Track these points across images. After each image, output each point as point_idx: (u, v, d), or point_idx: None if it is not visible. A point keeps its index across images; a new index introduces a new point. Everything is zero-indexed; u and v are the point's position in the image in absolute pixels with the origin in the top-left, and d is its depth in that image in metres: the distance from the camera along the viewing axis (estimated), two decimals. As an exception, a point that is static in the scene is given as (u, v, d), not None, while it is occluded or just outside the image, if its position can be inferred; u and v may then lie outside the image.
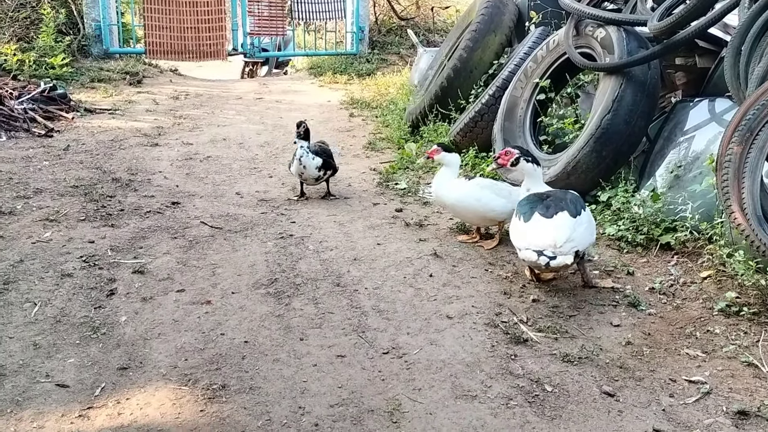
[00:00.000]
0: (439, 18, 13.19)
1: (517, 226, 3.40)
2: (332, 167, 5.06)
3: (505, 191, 4.02)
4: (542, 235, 3.23)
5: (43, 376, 2.63)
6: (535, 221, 3.30)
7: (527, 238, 3.27)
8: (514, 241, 3.42)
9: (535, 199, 3.47)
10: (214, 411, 2.46)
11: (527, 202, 3.46)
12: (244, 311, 3.25)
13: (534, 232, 3.26)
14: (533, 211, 3.35)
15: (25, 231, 4.10)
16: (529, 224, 3.31)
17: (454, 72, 6.30)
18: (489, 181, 4.15)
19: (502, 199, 3.97)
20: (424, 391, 2.61)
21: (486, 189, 4.01)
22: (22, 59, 8.86)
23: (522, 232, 3.33)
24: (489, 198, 3.98)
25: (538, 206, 3.37)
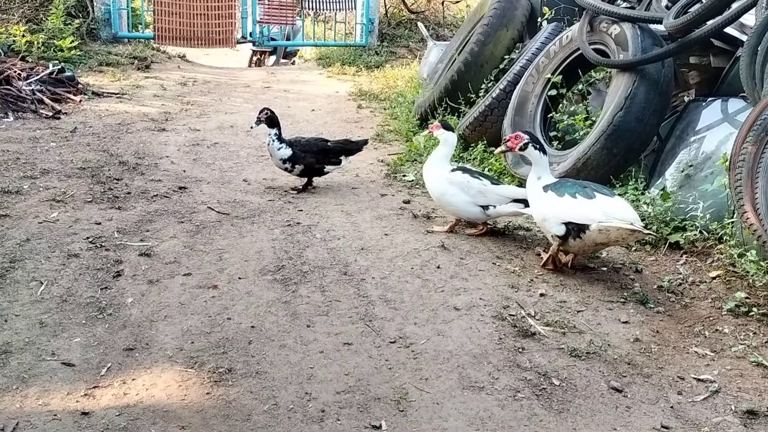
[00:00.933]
0: (449, 12, 13.13)
1: (577, 203, 3.43)
2: (304, 163, 4.83)
3: (473, 190, 4.00)
4: (626, 210, 3.36)
5: (48, 354, 2.63)
6: (604, 198, 3.41)
7: (609, 210, 3.33)
8: (577, 215, 3.40)
9: (572, 182, 3.60)
10: (220, 394, 2.45)
11: (572, 185, 3.56)
12: (251, 297, 3.24)
13: (615, 207, 3.36)
14: (588, 190, 3.47)
15: (31, 211, 4.09)
16: (597, 200, 3.40)
17: (465, 66, 6.26)
18: (462, 177, 4.08)
19: (467, 197, 4.01)
20: (431, 381, 2.60)
21: (454, 185, 4.06)
22: (31, 41, 8.83)
23: (591, 206, 3.38)
24: (453, 193, 4.05)
25: (588, 186, 3.54)
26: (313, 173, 4.98)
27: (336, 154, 5.00)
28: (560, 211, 3.48)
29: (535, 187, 3.69)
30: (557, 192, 3.55)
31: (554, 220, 3.51)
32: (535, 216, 3.73)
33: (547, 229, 3.62)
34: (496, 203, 4.00)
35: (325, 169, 4.97)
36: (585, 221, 3.39)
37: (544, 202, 3.58)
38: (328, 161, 4.96)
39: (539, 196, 3.63)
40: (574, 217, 3.43)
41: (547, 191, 3.60)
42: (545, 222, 3.58)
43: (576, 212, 3.43)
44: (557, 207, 3.50)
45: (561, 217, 3.48)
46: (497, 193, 4.00)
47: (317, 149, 4.92)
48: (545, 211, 3.57)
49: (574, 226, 3.44)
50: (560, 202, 3.49)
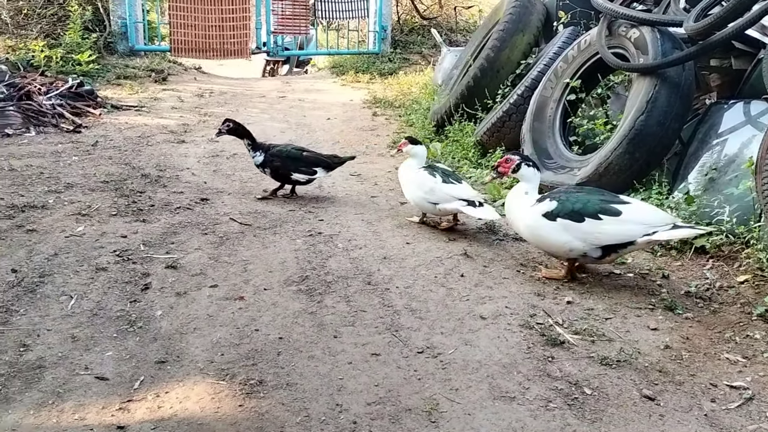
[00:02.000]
0: (461, 18, 13.15)
1: (607, 224, 3.32)
2: (270, 167, 4.91)
3: (427, 186, 4.28)
4: (661, 214, 3.38)
5: (82, 368, 2.65)
6: (631, 208, 3.37)
7: (645, 220, 3.31)
8: (619, 237, 3.32)
9: (570, 198, 3.46)
10: (252, 406, 2.46)
11: (575, 201, 3.42)
12: (277, 308, 3.26)
13: (649, 215, 3.34)
14: (604, 203, 3.38)
15: (58, 225, 4.14)
16: (626, 213, 3.33)
17: (481, 71, 6.27)
18: (421, 174, 4.37)
19: (420, 192, 4.32)
20: (462, 391, 2.59)
21: (411, 182, 4.41)
22: (50, 55, 8.97)
23: (627, 223, 3.31)
24: (411, 188, 4.40)
25: (613, 195, 3.50)
26: (281, 178, 5.02)
27: (309, 164, 4.95)
28: (591, 238, 3.36)
29: (529, 209, 3.55)
30: (572, 218, 3.38)
31: (587, 247, 3.39)
32: (549, 247, 3.53)
33: (567, 256, 3.50)
34: (442, 201, 4.22)
35: (293, 176, 4.96)
36: (627, 240, 3.33)
37: (560, 232, 3.40)
38: (296, 169, 4.94)
39: (543, 226, 3.46)
40: (613, 239, 3.34)
41: (555, 219, 3.41)
42: (572, 252, 3.44)
43: (616, 234, 3.33)
44: (584, 234, 3.36)
45: (599, 243, 3.37)
46: (444, 192, 4.20)
47: (285, 155, 4.93)
48: (567, 241, 3.40)
49: (612, 246, 3.37)
50: (584, 227, 3.35)
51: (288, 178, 5.00)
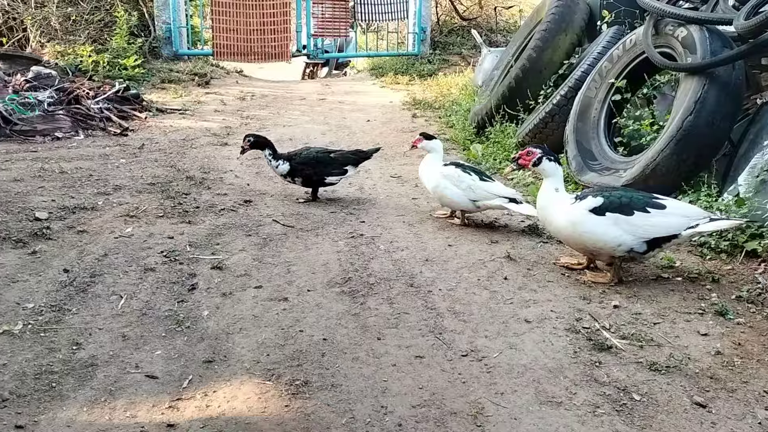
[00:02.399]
0: (501, 18, 13.06)
1: (653, 217, 3.37)
2: (302, 176, 4.90)
3: (464, 183, 4.31)
4: (697, 209, 3.50)
5: (132, 367, 2.71)
6: (674, 203, 3.49)
7: (688, 213, 3.41)
8: (664, 230, 3.37)
9: (615, 194, 3.50)
10: (298, 407, 2.48)
11: (620, 196, 3.46)
12: (321, 309, 3.28)
13: (688, 209, 3.47)
14: (646, 198, 3.45)
15: (107, 226, 4.24)
16: (670, 208, 3.42)
17: (523, 72, 6.22)
18: (454, 171, 4.39)
19: (458, 190, 4.32)
20: (507, 395, 2.57)
21: (447, 179, 4.39)
22: (97, 60, 9.21)
23: (670, 217, 3.38)
24: (445, 185, 4.38)
25: (634, 194, 3.52)
26: (314, 184, 5.00)
27: (339, 165, 4.96)
28: (642, 231, 3.36)
29: (571, 207, 3.50)
30: (623, 211, 3.37)
31: (634, 242, 3.38)
32: (595, 243, 3.45)
33: (613, 254, 3.45)
34: (483, 198, 4.27)
35: (326, 180, 4.96)
36: (673, 232, 3.37)
37: (610, 227, 3.37)
38: (329, 173, 4.93)
39: (591, 221, 3.41)
40: (662, 232, 3.37)
41: (604, 213, 3.39)
42: (621, 247, 3.39)
43: (664, 226, 3.36)
44: (635, 227, 3.36)
45: (645, 236, 3.37)
46: (484, 189, 4.25)
47: (315, 161, 4.91)
48: (617, 236, 3.37)
49: (658, 240, 3.39)
50: (635, 220, 3.35)
51: (322, 183, 4.98)
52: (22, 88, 7.58)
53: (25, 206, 4.46)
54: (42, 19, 10.26)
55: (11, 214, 4.31)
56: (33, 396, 2.49)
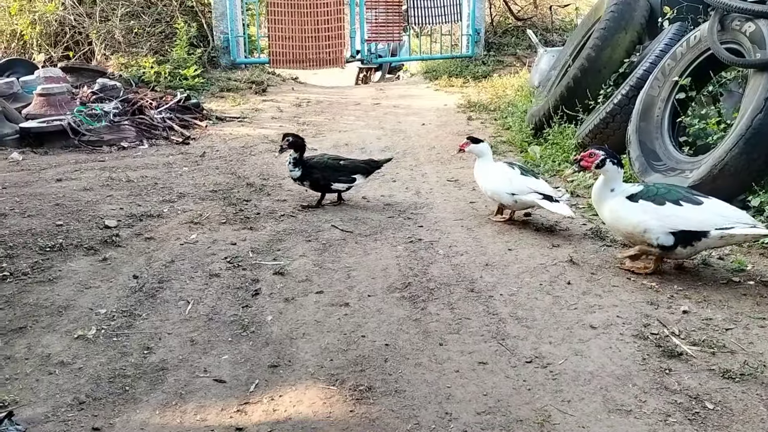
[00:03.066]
0: (557, 17, 12.85)
1: (685, 210, 3.40)
2: (310, 180, 4.92)
3: (506, 177, 4.43)
4: (739, 212, 3.44)
5: (201, 371, 2.78)
6: (713, 202, 3.46)
7: (725, 213, 3.38)
8: (691, 223, 3.38)
9: (659, 187, 3.59)
10: (362, 412, 2.50)
11: (665, 190, 3.52)
12: (382, 314, 3.29)
13: (727, 210, 3.42)
14: (688, 194, 3.49)
15: (173, 233, 4.37)
16: (707, 205, 3.42)
17: (581, 72, 6.10)
18: (500, 165, 4.57)
19: (499, 182, 4.45)
20: (574, 403, 2.53)
21: (493, 173, 4.54)
22: (159, 71, 9.50)
23: (704, 212, 3.38)
24: (491, 179, 4.52)
25: (681, 189, 3.57)
26: (321, 189, 5.02)
27: (347, 173, 4.97)
28: (668, 221, 3.40)
29: (613, 199, 3.62)
30: (654, 200, 3.46)
31: (659, 231, 3.43)
32: (626, 227, 3.57)
33: (642, 240, 3.53)
34: (520, 192, 4.32)
35: (333, 186, 4.98)
36: (703, 228, 3.34)
37: (638, 213, 3.48)
38: (335, 179, 4.95)
39: (625, 207, 3.54)
40: (689, 225, 3.37)
41: (637, 200, 3.51)
42: (646, 233, 3.46)
43: (689, 220, 3.37)
44: (661, 216, 3.42)
45: (670, 226, 3.40)
46: (522, 183, 4.32)
47: (324, 166, 4.95)
48: (642, 221, 3.47)
49: (685, 235, 3.38)
50: (663, 210, 3.42)
51: (329, 188, 5.01)
52: (89, 99, 7.89)
53: (95, 214, 4.63)
54: (106, 32, 10.65)
55: (82, 222, 4.49)
56: (108, 399, 2.58)
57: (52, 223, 4.41)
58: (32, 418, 2.45)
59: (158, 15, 11.06)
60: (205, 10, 11.26)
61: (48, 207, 4.74)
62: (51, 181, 5.49)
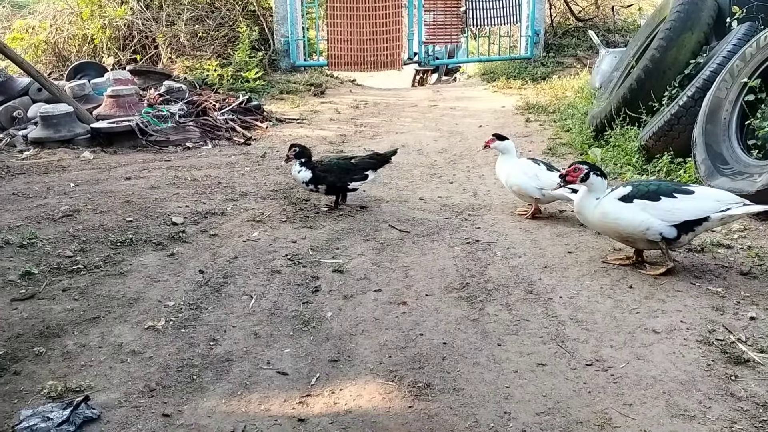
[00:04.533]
0: (619, 17, 12.59)
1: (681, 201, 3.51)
2: (326, 183, 4.89)
3: (531, 171, 4.60)
4: (727, 194, 3.59)
5: (264, 363, 2.87)
6: (703, 189, 3.66)
7: (719, 197, 3.53)
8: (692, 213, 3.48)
9: (644, 183, 3.71)
10: (421, 408, 2.53)
11: (652, 185, 3.64)
12: (440, 313, 3.32)
13: (719, 194, 3.58)
14: (676, 186, 3.66)
15: (236, 230, 4.50)
16: (699, 192, 3.56)
17: (645, 73, 5.98)
18: (525, 161, 4.75)
19: (527, 178, 4.59)
20: (636, 407, 2.50)
21: (518, 168, 4.68)
22: (222, 74, 9.78)
23: (699, 200, 3.51)
24: (516, 174, 4.67)
25: (665, 182, 3.83)
26: (338, 191, 5.00)
27: (359, 171, 4.97)
28: (669, 215, 3.50)
29: (601, 205, 3.68)
30: (649, 197, 3.54)
31: (662, 226, 3.51)
32: (626, 228, 3.61)
33: (645, 238, 3.58)
34: (548, 187, 4.44)
35: (350, 186, 4.98)
36: (704, 215, 3.46)
37: (637, 212, 3.54)
38: (350, 179, 4.95)
39: (620, 209, 3.59)
40: (691, 215, 3.48)
41: (632, 200, 3.58)
42: (648, 231, 3.53)
43: (692, 210, 3.48)
44: (662, 212, 3.50)
45: (672, 220, 3.50)
46: (550, 179, 4.39)
47: (338, 168, 4.92)
48: (644, 220, 3.53)
49: (687, 224, 3.49)
50: (661, 205, 3.51)
51: (346, 189, 5.01)
52: (155, 101, 8.19)
53: (163, 211, 4.81)
54: (172, 36, 11.01)
55: (151, 218, 4.67)
56: (177, 387, 2.69)
57: (123, 219, 4.60)
58: (106, 403, 2.58)
59: (221, 19, 11.37)
60: (267, 14, 11.51)
61: (118, 204, 4.95)
62: (120, 179, 5.73)
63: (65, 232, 4.35)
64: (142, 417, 2.50)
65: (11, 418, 2.49)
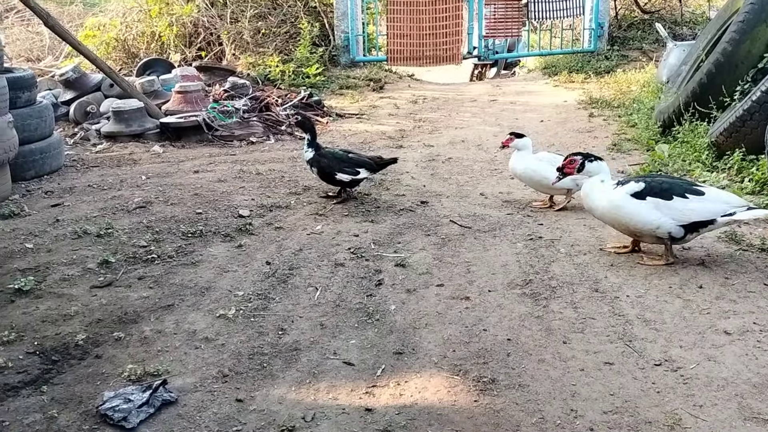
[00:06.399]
0: (687, 9, 12.19)
1: (692, 203, 3.59)
2: (317, 167, 4.99)
3: (546, 159, 4.71)
4: (737, 198, 3.69)
5: (331, 353, 2.94)
6: (713, 191, 3.68)
7: (728, 200, 3.61)
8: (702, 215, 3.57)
9: (656, 181, 3.74)
10: (487, 403, 2.55)
11: (665, 183, 3.70)
12: (503, 309, 3.32)
13: (729, 197, 3.66)
14: (687, 185, 3.69)
15: (300, 223, 4.60)
16: (709, 194, 3.63)
17: (716, 67, 5.79)
18: (549, 156, 4.83)
19: (542, 168, 4.66)
20: (706, 408, 2.45)
21: (543, 161, 4.75)
22: (283, 70, 9.94)
23: (709, 203, 3.59)
24: (534, 167, 4.75)
25: (676, 180, 3.80)
26: (326, 177, 5.06)
27: (352, 165, 4.98)
28: (680, 215, 3.58)
29: (613, 192, 3.74)
30: (663, 196, 3.60)
31: (671, 225, 3.61)
32: (636, 224, 3.70)
33: (653, 235, 3.69)
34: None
35: (337, 176, 4.98)
36: (711, 217, 3.56)
37: (651, 210, 3.62)
38: (340, 169, 4.96)
39: (633, 205, 3.66)
40: (700, 217, 3.57)
41: (645, 198, 3.64)
42: (659, 229, 3.63)
43: (702, 212, 3.56)
44: (675, 212, 3.58)
45: (683, 220, 3.58)
46: None
47: (332, 156, 5.04)
48: (656, 218, 3.61)
49: (694, 224, 3.59)
50: (674, 205, 3.58)
51: (332, 178, 5.04)
52: (221, 97, 8.40)
53: (230, 204, 4.95)
54: (236, 33, 11.26)
55: (219, 210, 4.81)
56: (248, 374, 2.79)
57: (192, 211, 4.76)
58: (183, 387, 2.70)
59: (283, 16, 11.55)
60: (327, 10, 11.63)
61: (188, 196, 5.13)
62: (189, 172, 5.92)
63: (139, 222, 4.54)
64: (217, 401, 2.60)
65: (95, 398, 2.63)
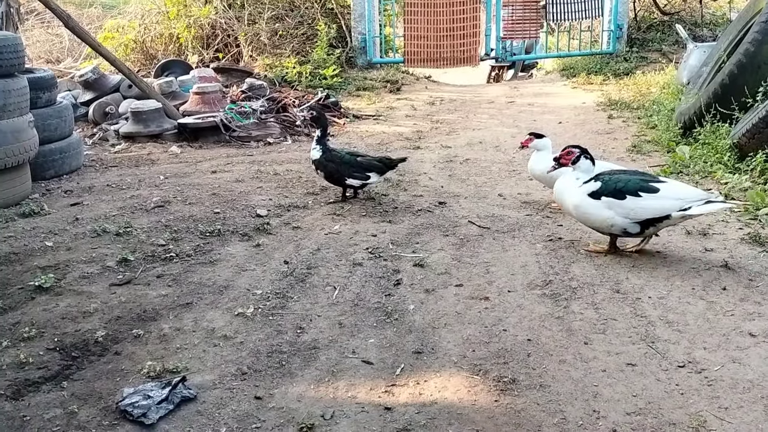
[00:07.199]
0: (707, 11, 12.07)
1: (645, 200, 3.67)
2: (324, 171, 4.95)
3: None
4: (693, 190, 3.78)
5: (350, 352, 2.93)
6: (668, 187, 3.73)
7: (682, 195, 3.67)
8: (654, 212, 3.67)
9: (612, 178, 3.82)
10: (507, 403, 2.52)
11: (617, 180, 3.77)
12: (523, 310, 3.29)
13: (684, 191, 3.74)
14: (642, 182, 3.74)
15: (317, 223, 4.59)
16: (664, 191, 3.68)
17: (738, 68, 5.72)
18: None
19: None
20: (732, 410, 2.41)
21: None
22: (300, 71, 9.97)
23: (663, 199, 3.66)
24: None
25: (633, 176, 3.85)
26: (334, 182, 5.03)
27: (362, 170, 4.92)
28: (632, 214, 3.69)
29: (576, 190, 3.88)
30: (615, 195, 3.70)
31: (625, 223, 3.74)
32: (594, 223, 3.87)
33: (609, 232, 3.86)
34: None
35: (347, 181, 4.95)
36: (664, 213, 3.65)
37: (604, 210, 3.75)
38: (350, 174, 4.91)
39: (590, 205, 3.80)
40: (652, 214, 3.67)
41: (599, 198, 3.76)
42: (613, 227, 3.79)
43: (651, 209, 3.66)
44: (626, 211, 3.69)
45: (636, 218, 3.70)
46: None
47: (340, 160, 4.93)
48: (609, 217, 3.75)
49: (649, 221, 3.69)
50: (625, 204, 3.69)
51: (342, 183, 5.00)
52: (238, 98, 8.44)
53: (248, 204, 4.96)
54: (253, 34, 11.30)
55: (237, 210, 4.82)
56: (267, 372, 2.78)
57: (210, 211, 4.78)
58: (202, 384, 2.69)
59: (301, 17, 11.58)
60: (345, 12, 11.65)
61: (206, 196, 5.14)
62: (207, 172, 5.95)
63: (157, 221, 4.56)
64: (236, 399, 2.60)
65: (114, 394, 2.63)
